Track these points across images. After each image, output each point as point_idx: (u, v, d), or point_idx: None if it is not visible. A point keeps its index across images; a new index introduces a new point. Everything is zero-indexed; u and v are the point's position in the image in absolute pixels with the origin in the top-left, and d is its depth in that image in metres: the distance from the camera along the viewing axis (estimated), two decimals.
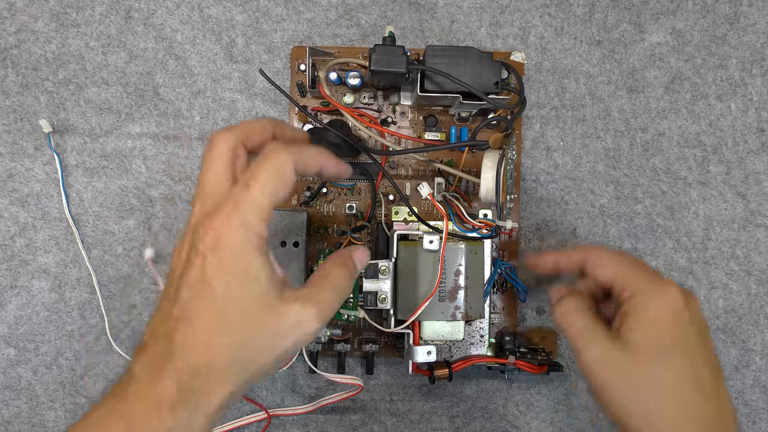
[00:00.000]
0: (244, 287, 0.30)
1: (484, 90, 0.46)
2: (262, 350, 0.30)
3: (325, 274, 0.34)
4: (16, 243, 0.54)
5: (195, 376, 0.29)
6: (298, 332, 0.31)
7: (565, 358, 0.55)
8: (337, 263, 0.35)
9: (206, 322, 0.30)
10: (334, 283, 0.34)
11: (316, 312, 0.32)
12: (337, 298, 0.34)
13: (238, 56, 0.55)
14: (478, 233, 0.47)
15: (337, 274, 0.35)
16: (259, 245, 0.31)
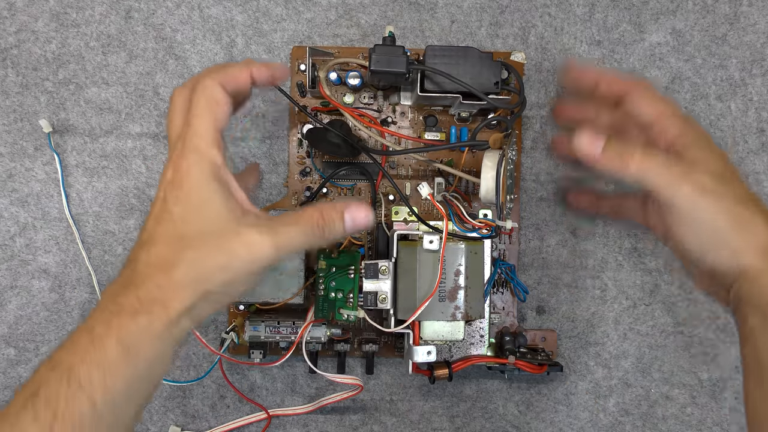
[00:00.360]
0: (200, 212, 0.33)
1: (484, 90, 0.46)
2: (216, 269, 0.33)
3: (301, 214, 0.35)
4: (16, 243, 0.54)
5: (153, 289, 0.32)
6: (250, 254, 0.33)
7: (565, 359, 0.55)
8: (320, 209, 0.36)
9: (166, 243, 0.33)
10: (303, 224, 0.35)
11: (271, 240, 0.33)
12: (301, 238, 0.35)
13: (238, 56, 0.55)
14: (478, 233, 0.47)
15: (311, 218, 0.35)
16: (213, 172, 0.34)
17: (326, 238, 0.36)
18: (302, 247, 0.36)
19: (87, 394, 0.30)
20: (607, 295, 0.55)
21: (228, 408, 0.54)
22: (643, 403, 0.55)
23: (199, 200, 0.34)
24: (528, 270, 0.55)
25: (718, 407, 0.55)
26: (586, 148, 0.37)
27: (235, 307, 0.52)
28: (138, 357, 0.32)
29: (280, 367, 0.54)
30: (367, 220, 0.37)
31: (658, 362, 0.55)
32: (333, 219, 0.36)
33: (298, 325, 0.49)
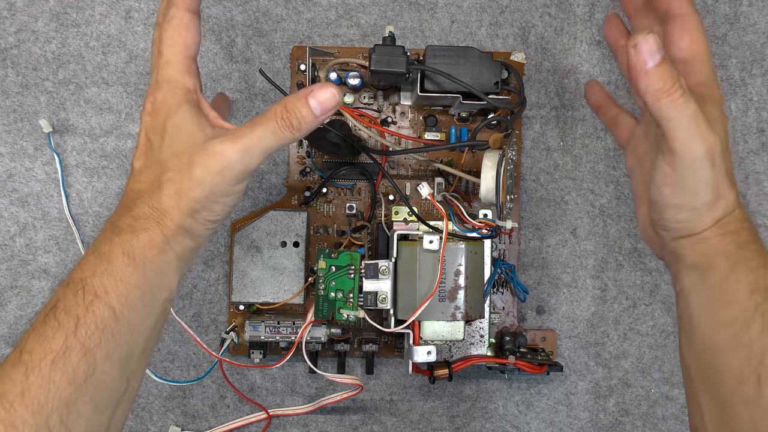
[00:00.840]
0: (175, 136, 0.35)
1: (484, 90, 0.46)
2: (193, 186, 0.34)
3: (265, 112, 0.36)
4: (16, 243, 0.54)
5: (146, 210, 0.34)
6: (218, 163, 0.34)
7: (565, 359, 0.55)
8: (284, 102, 0.36)
9: (150, 170, 0.35)
10: (267, 121, 0.35)
11: (235, 145, 0.34)
12: (269, 136, 0.35)
13: (238, 56, 0.55)
14: (478, 233, 0.47)
15: (275, 113, 0.35)
16: (186, 97, 0.36)
17: (297, 129, 0.35)
18: (273, 145, 0.35)
19: (104, 301, 0.32)
20: (607, 295, 0.55)
21: (228, 408, 0.54)
22: (643, 403, 0.55)
23: (173, 126, 0.35)
24: (528, 270, 0.55)
25: None
26: (644, 53, 0.33)
27: (235, 307, 0.52)
28: (145, 266, 0.33)
29: (280, 367, 0.54)
30: (335, 99, 0.36)
31: (658, 362, 0.55)
32: (297, 107, 0.35)
33: (298, 325, 0.49)
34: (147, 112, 0.36)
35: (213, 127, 0.36)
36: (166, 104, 0.36)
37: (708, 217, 0.36)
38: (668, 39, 0.38)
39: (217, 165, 0.34)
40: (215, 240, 0.54)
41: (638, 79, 0.33)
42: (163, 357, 0.54)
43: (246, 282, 0.51)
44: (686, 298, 0.37)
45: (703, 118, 0.34)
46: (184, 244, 0.35)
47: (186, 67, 0.36)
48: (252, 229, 0.51)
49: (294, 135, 0.36)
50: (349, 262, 0.48)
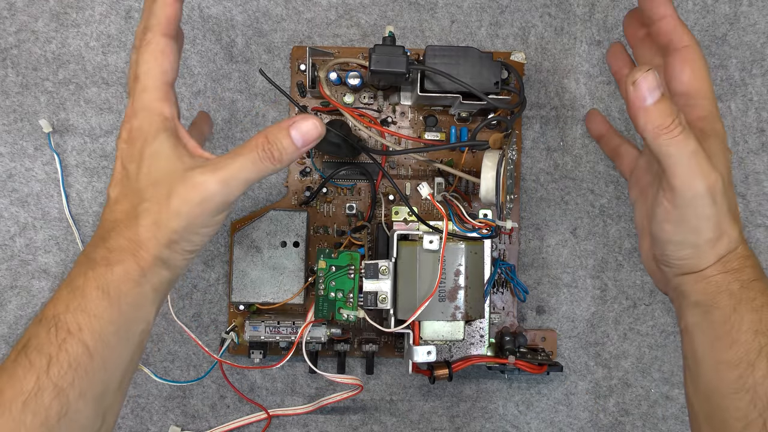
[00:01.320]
0: (152, 165, 0.34)
1: (484, 90, 0.46)
2: (171, 217, 0.33)
3: (246, 143, 0.35)
4: (16, 243, 0.54)
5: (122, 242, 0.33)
6: (198, 195, 0.33)
7: (565, 359, 0.55)
8: (264, 132, 0.35)
9: (126, 199, 0.35)
10: (248, 152, 0.34)
11: (215, 176, 0.33)
12: (249, 167, 0.34)
13: (238, 56, 0.55)
14: (478, 233, 0.47)
15: (256, 144, 0.35)
16: (163, 125, 0.35)
17: (279, 160, 0.35)
18: (254, 176, 0.35)
19: (77, 338, 0.31)
20: (607, 295, 0.55)
21: (228, 408, 0.54)
22: (643, 403, 0.55)
23: (150, 154, 0.34)
24: (528, 270, 0.55)
25: None
26: (643, 90, 0.33)
27: (235, 307, 0.52)
28: (120, 300, 0.33)
29: (280, 367, 0.54)
30: (317, 131, 0.35)
31: (658, 362, 0.55)
32: (278, 138, 0.34)
33: (298, 325, 0.49)
34: (123, 139, 0.35)
35: (192, 156, 0.35)
36: (142, 132, 0.35)
37: (710, 255, 0.35)
38: (669, 72, 0.38)
39: (196, 196, 0.33)
40: (215, 240, 0.54)
41: (637, 116, 0.33)
42: (163, 357, 0.54)
43: (246, 282, 0.51)
44: (690, 336, 0.37)
45: (704, 155, 0.34)
46: (161, 275, 0.34)
47: (163, 94, 0.35)
48: (252, 229, 0.51)
49: (275, 166, 0.35)
50: (349, 262, 0.48)
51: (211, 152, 0.36)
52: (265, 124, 0.55)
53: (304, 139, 0.35)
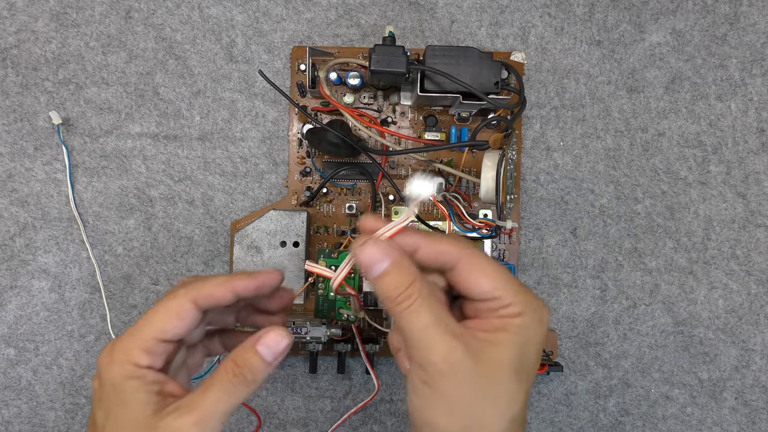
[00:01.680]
0: (119, 416, 0.32)
1: (484, 90, 0.46)
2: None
3: (215, 372, 0.33)
4: (16, 243, 0.54)
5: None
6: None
7: (565, 358, 0.55)
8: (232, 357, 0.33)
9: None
10: (219, 382, 0.32)
11: (191, 418, 0.31)
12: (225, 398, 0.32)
13: (238, 56, 0.55)
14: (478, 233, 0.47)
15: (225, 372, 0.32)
16: (137, 374, 0.32)
17: (253, 381, 0.33)
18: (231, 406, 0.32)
19: None
20: (607, 295, 0.55)
21: None
22: (643, 403, 0.55)
23: (119, 403, 0.32)
24: (528, 270, 0.55)
25: (718, 407, 0.55)
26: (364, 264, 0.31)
27: None
28: None
29: (280, 367, 0.54)
30: (285, 341, 0.33)
31: (658, 362, 0.55)
32: (247, 360, 0.32)
33: (298, 325, 0.49)
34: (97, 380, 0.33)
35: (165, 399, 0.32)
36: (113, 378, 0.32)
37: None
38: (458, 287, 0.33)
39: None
40: (215, 240, 0.54)
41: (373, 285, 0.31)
42: None
43: None
44: None
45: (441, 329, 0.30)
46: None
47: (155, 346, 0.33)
48: (252, 229, 0.51)
49: (251, 388, 0.33)
50: None
51: None
52: (265, 124, 0.55)
53: (274, 353, 0.33)
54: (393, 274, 0.31)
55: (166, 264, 0.54)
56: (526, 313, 0.31)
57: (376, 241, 0.31)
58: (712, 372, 0.55)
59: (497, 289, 0.31)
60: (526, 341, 0.31)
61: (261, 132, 0.55)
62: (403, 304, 0.31)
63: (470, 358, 0.30)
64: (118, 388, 0.32)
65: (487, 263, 0.32)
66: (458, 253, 0.32)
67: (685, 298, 0.55)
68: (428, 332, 0.30)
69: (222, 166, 0.54)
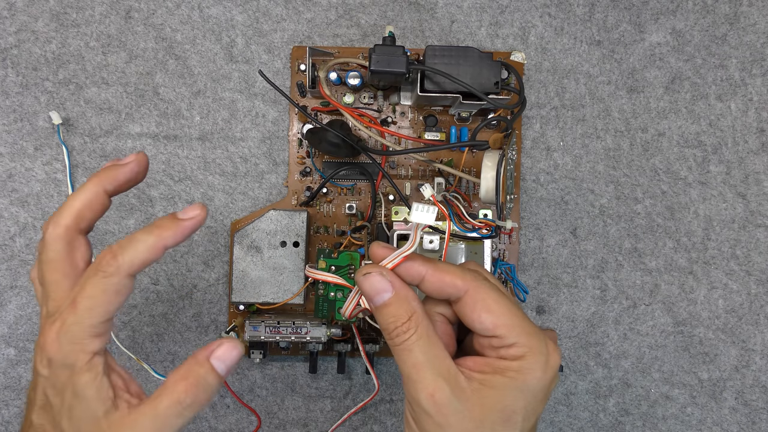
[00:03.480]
0: (74, 408, 0.31)
1: (484, 90, 0.46)
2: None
3: (165, 390, 0.31)
4: (16, 243, 0.54)
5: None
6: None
7: (565, 359, 0.55)
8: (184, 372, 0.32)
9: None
10: (169, 401, 0.31)
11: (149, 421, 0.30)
12: (172, 420, 0.31)
13: (238, 56, 0.55)
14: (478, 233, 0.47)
15: (176, 391, 0.31)
16: (89, 363, 0.31)
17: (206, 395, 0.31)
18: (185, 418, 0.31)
19: None
20: (607, 295, 0.55)
21: (228, 408, 0.54)
22: (643, 403, 0.55)
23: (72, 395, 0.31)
24: (528, 270, 0.55)
25: (718, 407, 0.55)
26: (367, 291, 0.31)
27: (235, 307, 0.52)
28: None
29: (280, 367, 0.54)
30: (238, 354, 0.32)
31: (658, 362, 0.55)
32: (200, 375, 0.31)
33: (298, 325, 0.49)
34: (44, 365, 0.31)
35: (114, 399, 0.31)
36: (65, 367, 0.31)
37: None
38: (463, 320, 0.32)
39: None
40: (215, 240, 0.54)
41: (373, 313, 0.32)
42: (163, 357, 0.54)
43: (246, 282, 0.51)
44: None
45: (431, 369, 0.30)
46: None
47: (103, 326, 0.31)
48: (252, 229, 0.51)
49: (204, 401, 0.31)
50: (349, 262, 0.48)
51: None
52: (265, 124, 0.55)
53: (228, 367, 0.32)
54: (392, 306, 0.31)
55: (166, 264, 0.54)
56: (529, 356, 0.30)
57: (381, 270, 0.31)
58: (712, 372, 0.55)
59: (499, 327, 0.30)
60: (524, 387, 0.30)
61: (261, 132, 0.55)
62: (399, 338, 0.31)
63: (457, 400, 0.30)
64: (74, 380, 0.31)
65: (493, 298, 0.31)
66: (463, 285, 0.31)
67: (685, 298, 0.55)
68: (418, 370, 0.30)
69: (222, 166, 0.54)
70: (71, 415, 0.31)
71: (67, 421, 0.31)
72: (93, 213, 0.36)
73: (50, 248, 0.34)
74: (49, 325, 0.31)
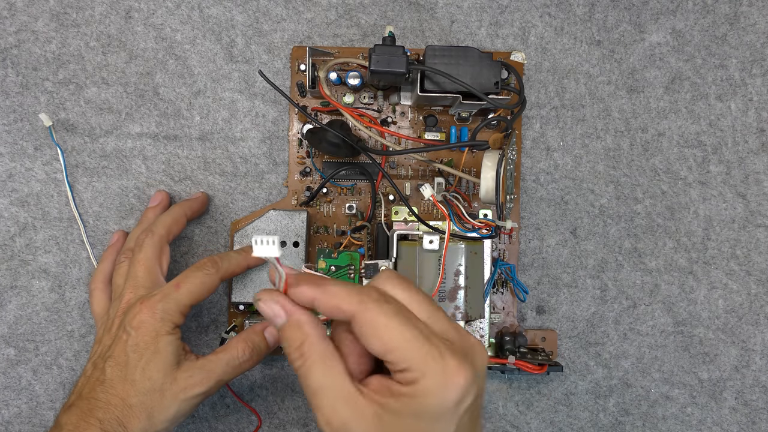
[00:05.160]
0: (151, 361, 0.40)
1: (484, 90, 0.46)
2: (161, 409, 0.40)
3: (227, 347, 0.43)
4: (16, 243, 0.54)
5: (111, 423, 0.39)
6: (184, 395, 0.41)
7: (565, 359, 0.55)
8: (242, 338, 0.43)
9: (121, 386, 0.40)
10: (229, 356, 0.42)
11: (201, 379, 0.41)
12: (229, 369, 0.42)
13: (238, 56, 0.55)
14: (478, 233, 0.47)
15: (236, 348, 0.43)
16: (173, 330, 0.42)
17: (257, 357, 0.43)
18: (233, 376, 0.42)
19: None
20: (607, 295, 0.55)
21: (228, 408, 0.54)
22: (643, 403, 0.55)
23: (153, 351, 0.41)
24: (528, 270, 0.55)
25: (718, 407, 0.55)
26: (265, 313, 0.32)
27: (235, 307, 0.52)
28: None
29: (280, 367, 0.54)
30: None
31: (658, 362, 0.55)
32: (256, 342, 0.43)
33: None
34: (133, 326, 0.41)
35: (183, 357, 0.42)
36: (155, 329, 0.41)
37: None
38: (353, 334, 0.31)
39: (185, 395, 0.40)
40: (215, 240, 0.54)
41: None
42: None
43: (246, 282, 0.51)
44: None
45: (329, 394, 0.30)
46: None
47: (188, 309, 0.43)
48: (252, 229, 0.51)
49: (251, 364, 0.43)
50: (349, 262, 0.48)
51: None
52: (265, 124, 0.55)
53: (276, 339, 0.44)
54: (287, 331, 0.31)
55: None
56: (422, 380, 0.28)
57: (272, 295, 0.32)
58: (712, 372, 0.55)
59: (389, 353, 0.29)
60: (421, 412, 0.29)
61: (261, 132, 0.55)
62: (296, 363, 0.31)
63: (355, 425, 0.29)
64: (158, 339, 0.41)
65: (381, 321, 0.29)
66: (349, 309, 0.30)
67: (685, 298, 0.56)
68: (315, 394, 0.30)
69: (222, 166, 0.54)
70: (147, 367, 0.40)
71: (141, 373, 0.40)
72: (178, 228, 0.48)
73: (145, 250, 0.45)
74: (147, 299, 0.41)
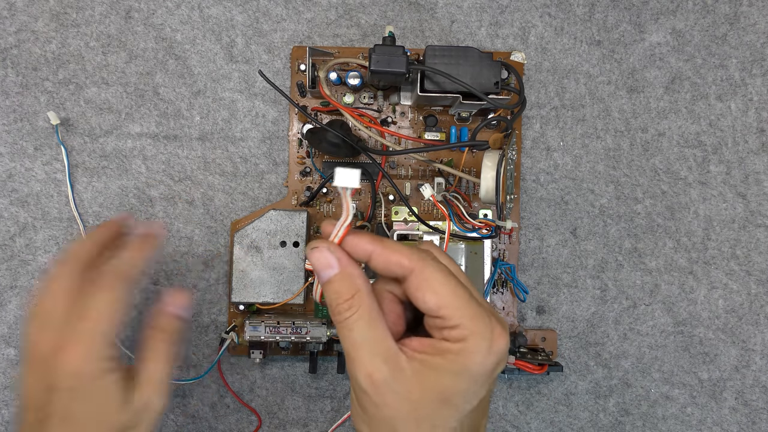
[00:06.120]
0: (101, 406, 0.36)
1: (484, 90, 0.46)
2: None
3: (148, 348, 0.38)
4: (16, 243, 0.54)
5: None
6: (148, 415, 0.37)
7: (565, 358, 0.55)
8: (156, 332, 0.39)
9: None
10: (159, 355, 0.38)
11: (153, 391, 0.37)
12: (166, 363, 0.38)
13: (238, 56, 0.55)
14: (478, 233, 0.47)
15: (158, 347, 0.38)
16: (110, 365, 0.36)
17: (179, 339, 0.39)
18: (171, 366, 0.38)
19: None
20: (607, 295, 0.55)
21: (228, 408, 0.54)
22: (643, 403, 0.55)
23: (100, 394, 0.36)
24: (528, 270, 0.55)
25: (718, 407, 0.55)
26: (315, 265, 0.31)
27: (235, 307, 0.52)
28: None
29: (280, 367, 0.54)
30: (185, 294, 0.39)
31: (658, 362, 0.55)
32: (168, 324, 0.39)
33: (298, 325, 0.49)
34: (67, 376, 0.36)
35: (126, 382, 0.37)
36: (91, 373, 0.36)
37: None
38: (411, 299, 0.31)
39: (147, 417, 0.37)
40: (215, 240, 0.54)
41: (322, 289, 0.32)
42: None
43: (246, 282, 0.51)
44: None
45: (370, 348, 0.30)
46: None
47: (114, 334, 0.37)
48: (252, 229, 0.51)
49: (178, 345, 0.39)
50: None
51: None
52: (265, 124, 0.55)
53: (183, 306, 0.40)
54: (336, 283, 0.31)
55: (166, 264, 0.54)
56: (471, 339, 0.29)
57: (328, 245, 0.31)
58: (712, 372, 0.55)
59: (443, 308, 0.30)
60: (464, 370, 0.29)
61: (261, 132, 0.55)
62: (341, 316, 0.30)
63: (395, 381, 0.29)
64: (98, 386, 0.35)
65: (439, 279, 0.30)
66: (409, 264, 0.30)
67: (685, 298, 0.56)
68: (357, 349, 0.30)
69: (222, 166, 0.54)
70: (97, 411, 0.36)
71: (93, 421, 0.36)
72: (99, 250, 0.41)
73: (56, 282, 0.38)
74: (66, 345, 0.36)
